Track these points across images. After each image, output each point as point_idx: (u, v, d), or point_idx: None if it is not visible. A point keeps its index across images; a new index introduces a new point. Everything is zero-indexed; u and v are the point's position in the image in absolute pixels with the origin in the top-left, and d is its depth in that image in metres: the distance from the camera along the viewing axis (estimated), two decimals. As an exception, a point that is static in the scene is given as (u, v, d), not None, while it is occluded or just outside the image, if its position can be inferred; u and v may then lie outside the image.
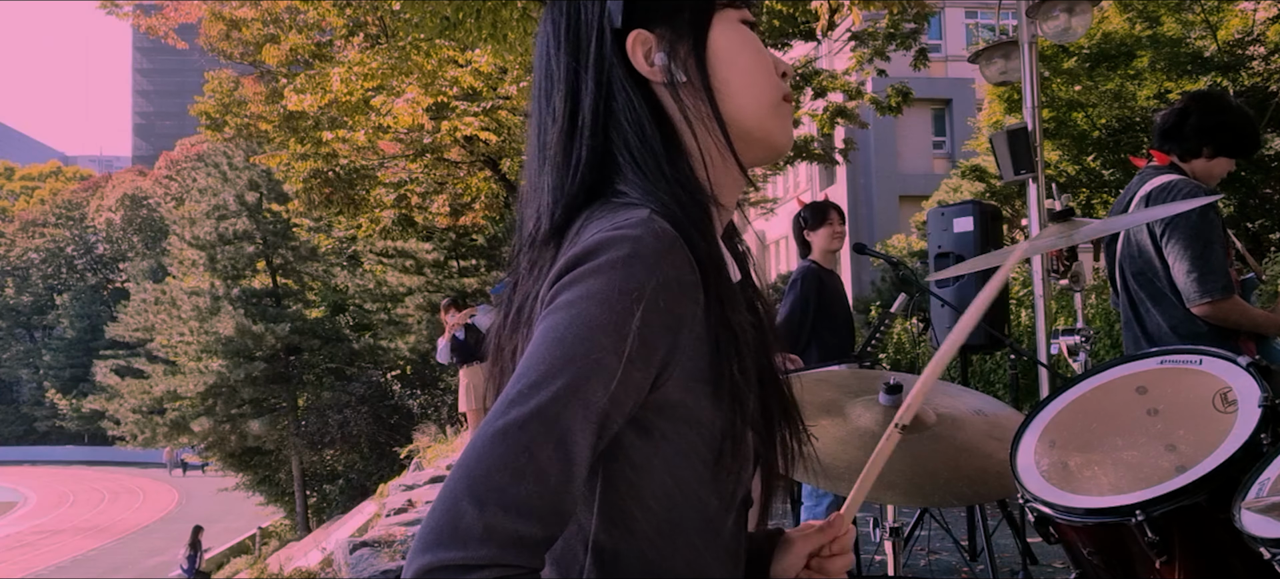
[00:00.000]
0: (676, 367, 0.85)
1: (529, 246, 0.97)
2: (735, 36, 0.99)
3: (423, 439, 15.94)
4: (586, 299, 0.81)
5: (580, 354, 0.79)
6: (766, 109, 0.99)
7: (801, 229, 4.24)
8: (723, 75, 0.97)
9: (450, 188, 15.00)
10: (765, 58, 1.00)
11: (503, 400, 0.79)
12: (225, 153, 25.73)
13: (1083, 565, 1.61)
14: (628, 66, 0.96)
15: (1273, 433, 1.42)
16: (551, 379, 0.78)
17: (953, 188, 16.35)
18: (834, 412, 1.82)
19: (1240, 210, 11.22)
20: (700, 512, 0.91)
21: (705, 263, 0.87)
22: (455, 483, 0.76)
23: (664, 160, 0.93)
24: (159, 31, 12.93)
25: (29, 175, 66.45)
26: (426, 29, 7.78)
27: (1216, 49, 11.14)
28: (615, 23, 0.96)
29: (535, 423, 0.77)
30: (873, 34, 11.13)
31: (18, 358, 54.86)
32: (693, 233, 0.88)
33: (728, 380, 0.89)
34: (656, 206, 0.88)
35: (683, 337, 0.85)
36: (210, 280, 25.54)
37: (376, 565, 5.36)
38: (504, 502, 0.74)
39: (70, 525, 30.93)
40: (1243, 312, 2.63)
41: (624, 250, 0.82)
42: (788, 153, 1.04)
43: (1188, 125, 2.82)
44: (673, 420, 0.88)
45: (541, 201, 0.97)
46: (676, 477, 0.89)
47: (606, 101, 0.96)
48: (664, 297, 0.82)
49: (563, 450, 0.77)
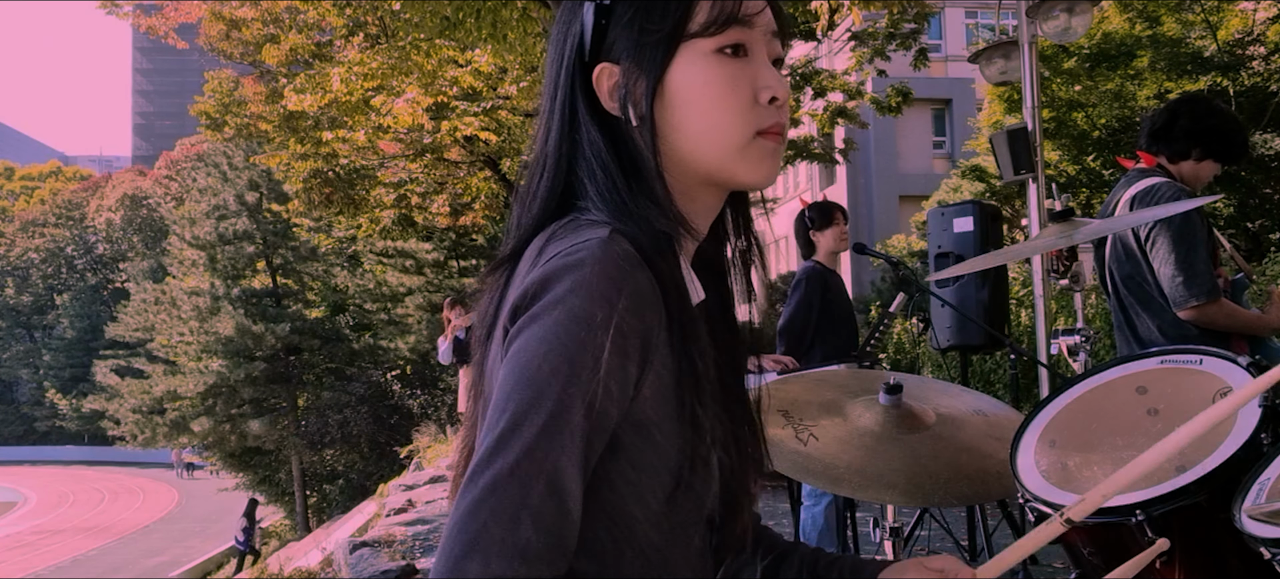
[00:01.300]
0: (647, 383, 0.84)
1: (490, 261, 0.98)
2: (702, 72, 0.92)
3: (423, 439, 15.93)
4: (553, 330, 0.79)
5: (555, 387, 0.78)
6: (731, 150, 0.93)
7: (806, 229, 4.22)
8: (679, 116, 0.92)
9: (450, 188, 15.00)
10: (738, 92, 0.92)
11: (484, 449, 0.77)
12: (225, 153, 25.75)
13: (1083, 565, 1.61)
14: (592, 101, 0.94)
15: (1273, 433, 1.42)
16: (531, 419, 0.77)
17: (953, 188, 16.36)
18: (834, 412, 1.82)
19: (1240, 210, 11.22)
20: (660, 531, 0.90)
21: (666, 285, 0.86)
22: (453, 544, 0.75)
23: (626, 194, 0.91)
24: (159, 31, 12.92)
25: (29, 175, 66.50)
26: (426, 29, 7.79)
27: (1216, 49, 11.15)
28: (585, 53, 0.94)
29: (524, 466, 0.76)
30: (873, 34, 11.12)
31: (18, 358, 54.87)
32: (653, 253, 0.86)
33: (687, 407, 0.87)
34: (618, 226, 0.87)
35: (653, 353, 0.84)
36: (210, 280, 25.56)
37: (376, 565, 5.36)
38: (505, 552, 0.73)
39: (70, 525, 30.94)
40: (1229, 314, 2.62)
41: (584, 273, 0.81)
42: (765, 187, 1.00)
43: (1177, 127, 2.81)
44: (636, 439, 0.86)
45: (511, 219, 0.98)
46: (638, 496, 0.87)
47: (571, 133, 0.94)
48: (630, 316, 0.81)
49: (554, 488, 0.76)
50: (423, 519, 7.18)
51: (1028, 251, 2.68)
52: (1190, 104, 2.89)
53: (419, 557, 5.56)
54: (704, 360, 0.89)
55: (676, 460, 0.88)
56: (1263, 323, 2.66)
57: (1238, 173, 10.63)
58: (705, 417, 0.88)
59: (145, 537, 28.67)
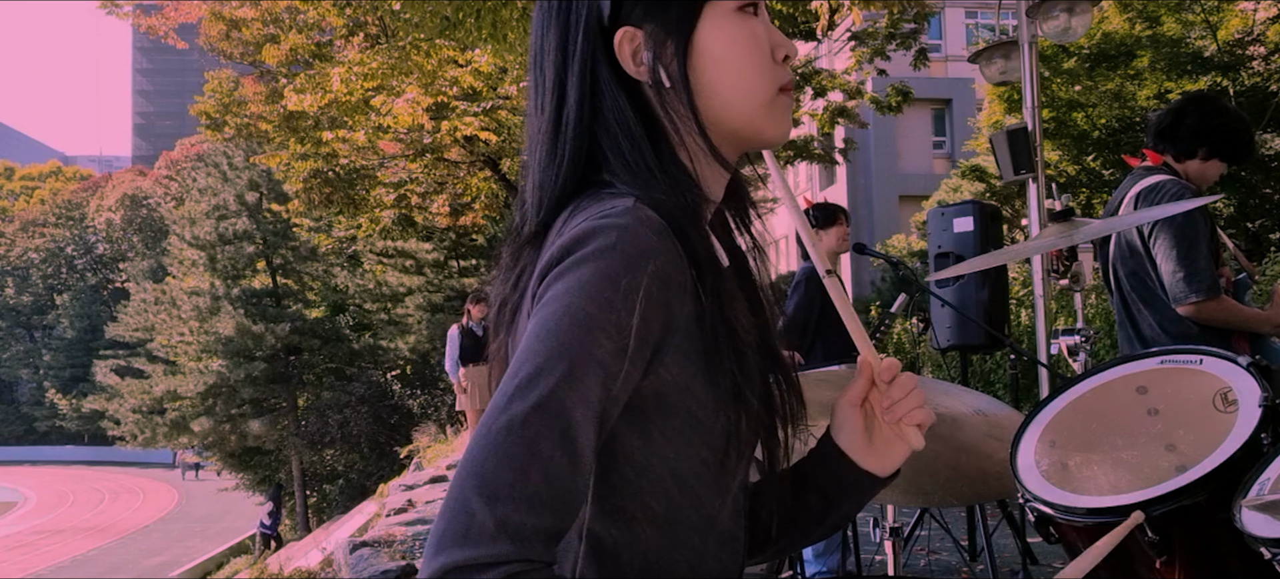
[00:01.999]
0: (669, 353, 0.85)
1: (512, 243, 0.97)
2: (727, 31, 0.94)
3: (423, 439, 15.93)
4: (578, 288, 0.81)
5: (575, 343, 0.79)
6: (759, 107, 0.95)
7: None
8: (710, 76, 0.93)
9: (450, 188, 15.00)
10: (762, 49, 0.95)
11: (501, 395, 0.78)
12: (225, 153, 25.76)
13: (1083, 565, 1.61)
14: (614, 65, 0.94)
15: (1273, 433, 1.42)
16: (549, 371, 0.78)
17: (953, 188, 16.36)
18: (834, 411, 1.82)
19: (1240, 210, 11.22)
20: (698, 505, 0.91)
21: (696, 253, 0.87)
22: (462, 482, 0.75)
23: (651, 159, 0.92)
24: (159, 31, 12.93)
25: (29, 175, 66.46)
26: (426, 29, 7.78)
27: (1216, 49, 11.14)
28: (604, 18, 0.93)
29: (537, 416, 0.76)
30: (873, 34, 11.12)
31: (18, 358, 54.87)
32: (682, 221, 0.87)
33: (727, 376, 0.88)
34: (643, 195, 0.87)
35: (675, 322, 0.85)
36: (210, 280, 25.56)
37: (376, 565, 5.36)
38: (514, 496, 0.74)
39: (70, 525, 30.92)
40: (1230, 311, 2.63)
41: (612, 238, 0.82)
42: (782, 143, 1.01)
43: (1184, 126, 2.81)
44: (670, 415, 0.87)
45: (528, 200, 0.96)
46: (675, 472, 0.89)
47: (592, 101, 0.94)
48: (654, 283, 0.82)
49: (567, 440, 0.77)
50: (423, 519, 7.18)
51: (1028, 251, 2.68)
52: (1198, 103, 2.88)
53: (419, 557, 5.56)
54: (740, 326, 0.90)
55: (722, 424, 0.89)
56: (1263, 320, 2.66)
57: (1238, 172, 10.62)
58: (743, 380, 0.90)
59: (145, 537, 28.66)
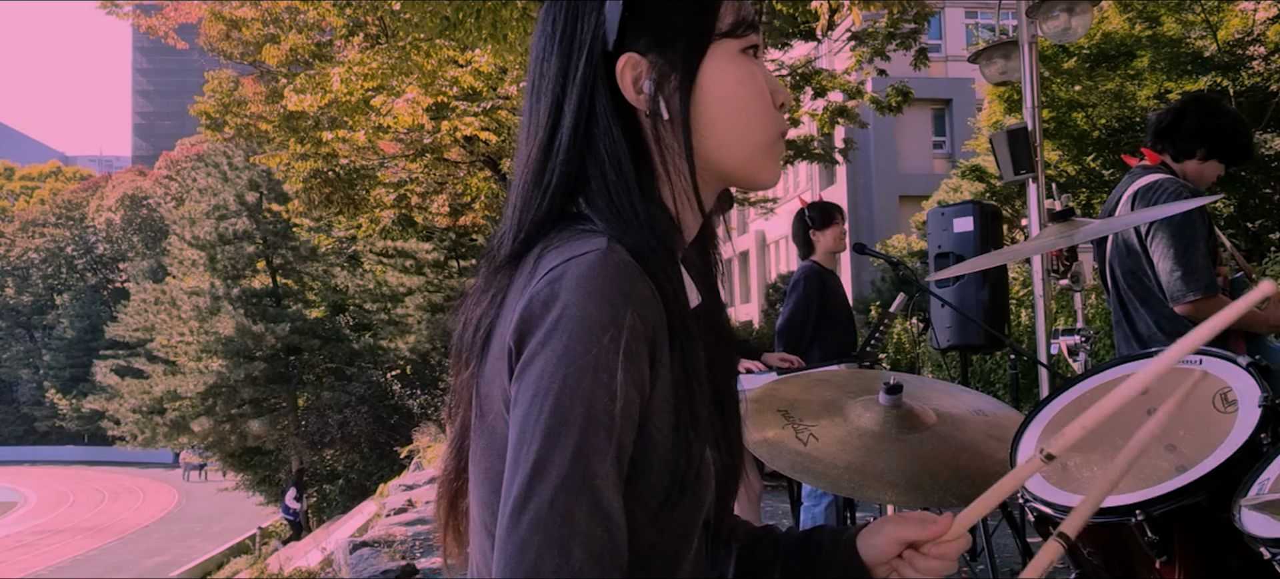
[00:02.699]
0: (656, 389, 0.84)
1: (488, 262, 0.95)
2: (732, 73, 0.93)
3: (423, 439, 15.94)
4: (566, 351, 0.79)
5: (578, 411, 0.77)
6: (757, 151, 0.94)
7: (805, 229, 4.21)
8: (711, 114, 0.92)
9: (450, 188, 14.99)
10: (763, 94, 0.94)
11: (520, 487, 0.77)
12: (225, 153, 25.76)
13: (1083, 565, 1.61)
14: (613, 91, 0.92)
15: (1273, 433, 1.42)
16: (559, 447, 0.77)
17: (953, 188, 16.36)
18: (834, 412, 1.82)
19: (1240, 210, 11.22)
20: (659, 533, 0.89)
21: (667, 295, 0.85)
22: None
23: (636, 196, 0.90)
24: (159, 31, 12.91)
25: (29, 175, 66.45)
26: (426, 29, 7.78)
27: (1216, 49, 11.14)
28: (608, 43, 0.91)
29: (562, 496, 0.76)
30: (873, 34, 11.12)
31: (18, 358, 54.86)
32: (654, 265, 0.85)
33: (686, 409, 0.87)
34: (618, 235, 0.86)
35: (660, 361, 0.84)
36: (210, 280, 25.56)
37: (376, 565, 5.36)
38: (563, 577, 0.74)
39: (70, 525, 30.92)
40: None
41: (589, 288, 0.80)
42: (772, 187, 0.99)
43: (1184, 126, 2.82)
44: (638, 446, 0.85)
45: (508, 222, 0.94)
46: (637, 498, 0.86)
47: (587, 125, 0.91)
48: (637, 325, 0.81)
49: (597, 508, 0.77)
50: (423, 519, 7.19)
51: (1028, 251, 2.68)
52: (1198, 103, 2.89)
53: (419, 557, 5.56)
54: (701, 363, 0.89)
55: (675, 462, 0.87)
56: (1260, 320, 2.66)
57: (1238, 173, 10.63)
58: (703, 417, 0.88)
59: (145, 537, 28.67)
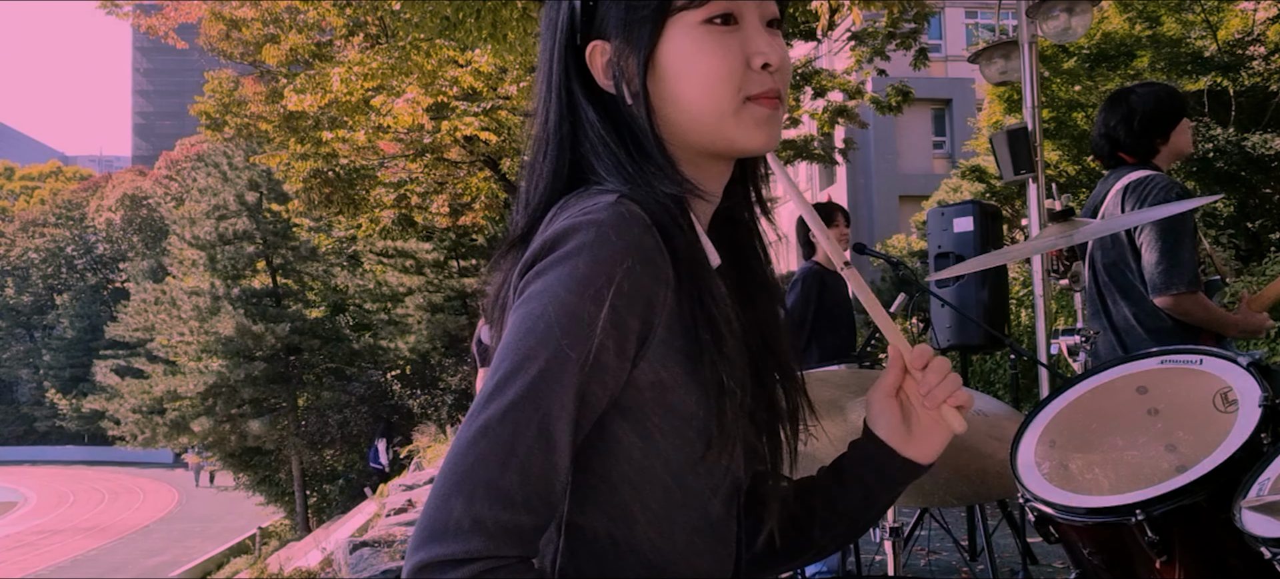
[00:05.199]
0: (654, 348, 0.85)
1: (506, 242, 0.98)
2: (690, 45, 0.91)
3: (423, 439, 15.94)
4: (556, 285, 0.81)
5: (552, 340, 0.79)
6: (724, 117, 0.92)
7: (806, 230, 4.22)
8: (672, 90, 0.92)
9: (450, 188, 14.99)
10: (729, 60, 0.91)
11: (481, 395, 0.80)
12: (225, 153, 25.74)
13: (1083, 565, 1.61)
14: (587, 79, 0.95)
15: (1273, 433, 1.42)
16: (526, 368, 0.79)
17: (953, 188, 16.34)
18: (834, 411, 1.82)
19: (1240, 210, 11.21)
20: (687, 501, 0.91)
21: (678, 248, 0.87)
22: (443, 480, 0.77)
23: (631, 167, 0.92)
24: (159, 31, 12.91)
25: (29, 175, 66.46)
26: (426, 29, 7.77)
27: (1216, 49, 11.14)
28: (577, 31, 0.95)
29: (514, 413, 0.78)
30: (873, 34, 11.12)
31: (18, 358, 54.86)
32: (663, 217, 0.87)
33: (709, 368, 0.88)
34: (628, 191, 0.88)
35: (656, 317, 0.85)
36: (210, 280, 25.54)
37: (376, 565, 5.36)
38: (490, 493, 0.76)
39: (70, 525, 30.95)
40: (1206, 308, 2.64)
41: (591, 234, 0.82)
42: (766, 151, 0.97)
43: (1124, 137, 2.83)
44: (656, 410, 0.87)
45: (522, 197, 0.98)
46: (662, 467, 0.89)
47: (570, 113, 0.96)
48: (632, 278, 0.82)
49: (544, 438, 0.78)
50: (417, 520, 7.17)
51: (1028, 251, 2.68)
52: (1112, 109, 2.87)
53: (419, 557, 5.55)
54: (722, 321, 0.90)
55: (702, 421, 0.89)
56: (1232, 323, 2.68)
57: (1238, 173, 10.63)
58: (729, 377, 0.89)
59: (145, 537, 28.69)
